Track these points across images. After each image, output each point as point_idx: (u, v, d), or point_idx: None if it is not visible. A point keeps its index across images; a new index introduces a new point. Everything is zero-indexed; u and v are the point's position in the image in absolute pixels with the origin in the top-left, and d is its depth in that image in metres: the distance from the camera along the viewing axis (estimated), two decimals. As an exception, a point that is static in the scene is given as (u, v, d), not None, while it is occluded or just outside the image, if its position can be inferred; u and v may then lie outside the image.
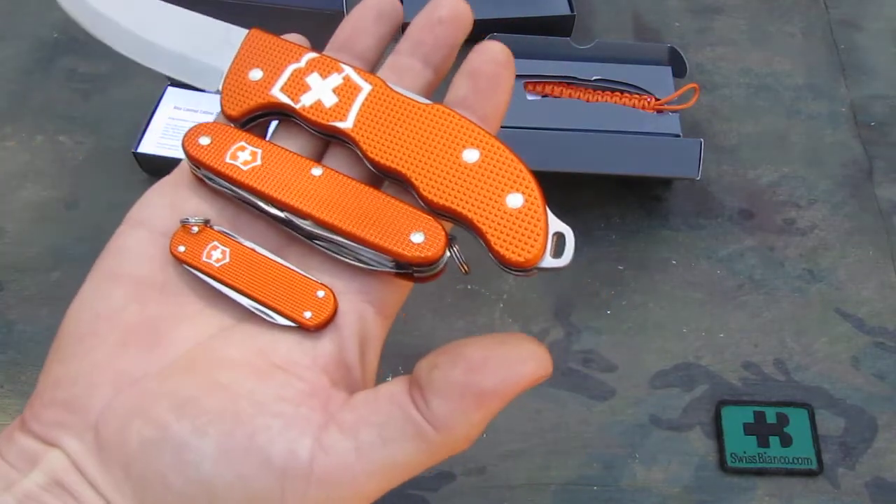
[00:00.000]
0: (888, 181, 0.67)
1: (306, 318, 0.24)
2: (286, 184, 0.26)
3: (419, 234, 0.25)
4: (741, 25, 0.78)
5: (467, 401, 0.23)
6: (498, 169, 0.26)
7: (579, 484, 0.53)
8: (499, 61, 0.27)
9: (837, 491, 0.53)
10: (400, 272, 0.26)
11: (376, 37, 0.29)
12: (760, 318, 0.60)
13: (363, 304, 0.25)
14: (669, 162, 0.60)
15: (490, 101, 0.27)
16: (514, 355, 0.23)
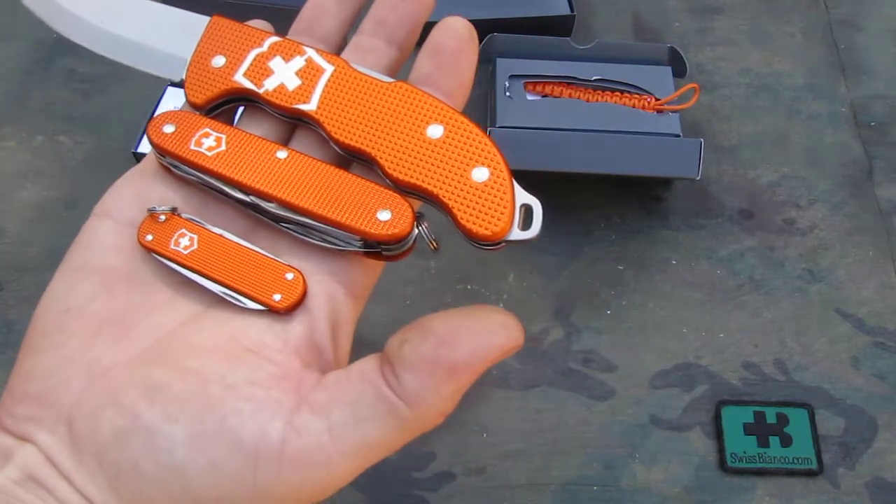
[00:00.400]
0: (888, 181, 0.67)
1: (276, 301, 0.24)
2: (251, 168, 0.26)
3: (386, 212, 0.25)
4: (741, 25, 0.78)
5: (438, 374, 0.23)
6: (463, 143, 0.26)
7: (579, 484, 0.53)
8: (461, 37, 0.27)
9: (837, 491, 0.53)
10: (369, 251, 0.25)
11: (338, 19, 0.29)
12: (760, 318, 0.60)
13: (333, 285, 0.26)
14: (669, 162, 0.60)
15: (454, 76, 0.27)
16: (483, 327, 0.23)
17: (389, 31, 0.28)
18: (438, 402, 0.23)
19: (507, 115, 0.63)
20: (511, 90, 0.65)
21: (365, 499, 0.52)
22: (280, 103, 0.27)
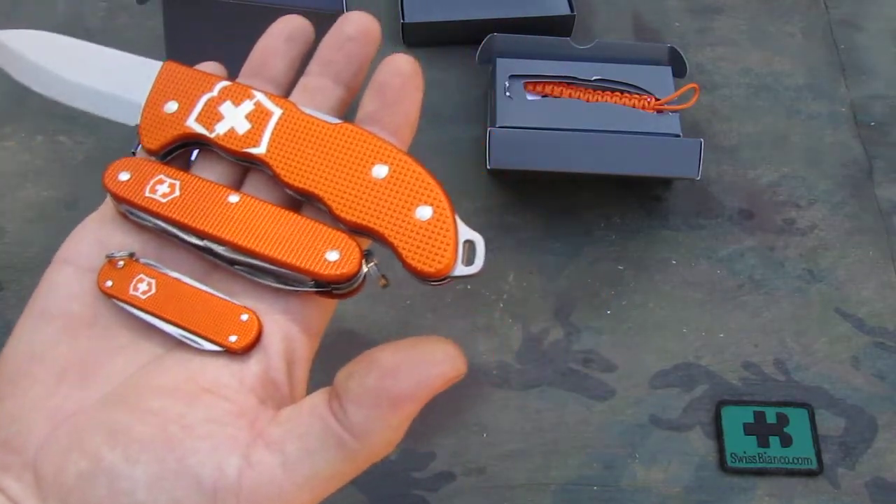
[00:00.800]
0: (888, 181, 0.67)
1: (232, 342, 0.25)
2: (204, 213, 0.27)
3: (334, 253, 0.26)
4: (741, 25, 0.78)
5: (382, 406, 0.23)
6: (406, 183, 0.27)
7: (579, 484, 0.53)
8: (405, 73, 0.27)
9: (837, 491, 0.53)
10: (320, 290, 0.26)
11: (287, 59, 0.30)
12: (760, 318, 0.60)
13: (288, 324, 0.26)
14: (669, 162, 0.60)
15: (399, 113, 0.28)
16: (425, 358, 0.24)
17: (337, 70, 0.29)
18: (384, 433, 0.24)
19: (507, 115, 0.63)
20: (511, 90, 0.65)
21: (365, 499, 0.52)
22: (231, 147, 0.28)
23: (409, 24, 0.73)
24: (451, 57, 0.74)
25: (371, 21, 0.29)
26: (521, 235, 0.63)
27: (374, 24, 0.29)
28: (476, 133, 0.69)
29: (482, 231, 0.67)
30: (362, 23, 0.29)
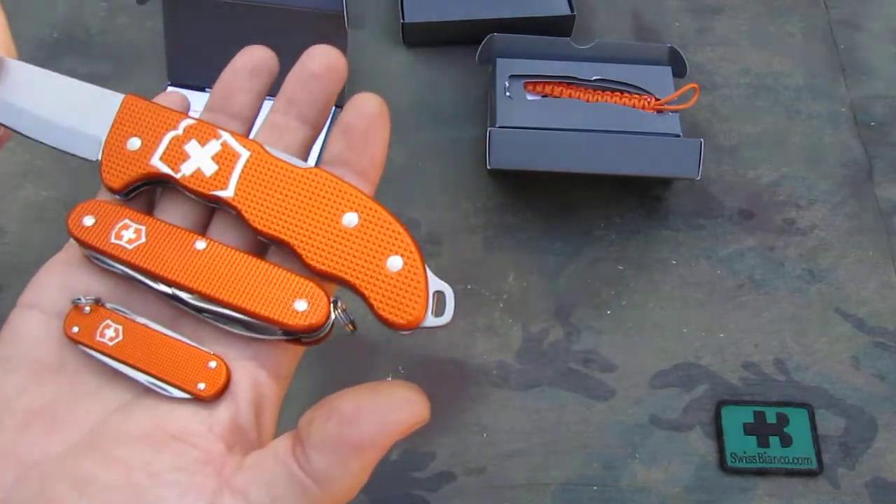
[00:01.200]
0: (888, 181, 0.67)
1: (200, 389, 0.25)
2: (170, 260, 0.26)
3: (302, 302, 0.26)
4: (741, 25, 0.78)
5: (343, 453, 0.23)
6: (377, 232, 0.27)
7: (579, 484, 0.53)
8: (371, 114, 0.27)
9: (837, 491, 0.53)
10: (289, 339, 0.26)
11: (252, 93, 0.29)
12: (760, 318, 0.60)
13: (257, 371, 0.26)
14: (669, 162, 0.60)
15: (365, 156, 0.27)
16: (386, 404, 0.24)
17: (302, 109, 0.28)
18: (346, 479, 0.23)
19: (507, 115, 0.63)
20: (511, 90, 0.65)
21: (365, 499, 0.52)
22: (198, 189, 0.27)
23: (409, 24, 0.73)
24: (451, 57, 0.74)
25: (336, 57, 0.28)
26: (521, 235, 0.63)
27: (340, 59, 0.28)
28: (476, 133, 0.69)
29: (482, 231, 0.67)
30: (327, 59, 0.28)
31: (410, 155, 0.68)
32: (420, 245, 0.61)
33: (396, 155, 0.68)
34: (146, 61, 0.73)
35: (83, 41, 0.76)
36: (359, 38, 0.75)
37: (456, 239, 0.63)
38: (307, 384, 0.57)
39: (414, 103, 0.71)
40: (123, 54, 0.74)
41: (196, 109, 0.70)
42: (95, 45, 0.75)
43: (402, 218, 0.68)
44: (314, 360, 0.57)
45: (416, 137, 0.69)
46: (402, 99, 0.71)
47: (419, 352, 0.58)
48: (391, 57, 0.74)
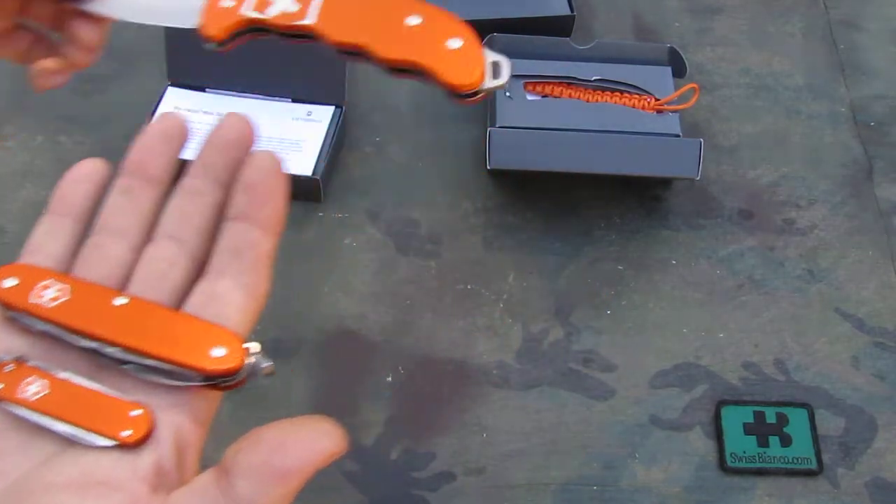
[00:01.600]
0: (888, 181, 0.67)
1: (125, 436, 0.26)
2: (92, 316, 0.28)
3: (220, 349, 0.27)
4: (741, 25, 0.78)
5: (268, 480, 0.25)
6: (437, 24, 0.32)
7: (579, 484, 0.53)
8: (271, 171, 0.29)
9: (837, 491, 0.53)
10: (207, 384, 0.28)
11: (166, 157, 0.31)
12: (760, 318, 0.60)
13: (178, 416, 0.27)
14: (669, 162, 0.60)
15: (268, 209, 0.29)
16: (309, 435, 0.26)
17: (216, 174, 0.30)
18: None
19: (507, 115, 0.63)
20: (511, 90, 0.65)
21: (365, 499, 0.52)
22: (285, 24, 0.33)
23: (409, 24, 0.73)
24: (451, 57, 0.74)
25: (247, 124, 0.30)
26: (521, 235, 0.63)
27: (250, 127, 0.30)
28: (476, 133, 0.69)
29: (482, 231, 0.67)
30: (239, 127, 0.30)
31: (410, 155, 0.68)
32: (420, 245, 0.61)
33: (396, 155, 0.68)
34: (146, 61, 0.73)
35: (83, 41, 0.76)
36: (359, 38, 0.75)
37: (456, 239, 0.63)
38: (309, 384, 0.57)
39: (414, 103, 0.71)
40: (123, 54, 0.74)
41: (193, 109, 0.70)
42: (95, 45, 0.75)
43: (403, 218, 0.68)
44: (315, 360, 0.58)
45: (416, 137, 0.69)
46: (402, 99, 0.71)
47: (419, 352, 0.58)
48: (391, 57, 0.74)
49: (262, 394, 0.56)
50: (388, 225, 0.64)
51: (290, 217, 0.58)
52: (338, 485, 0.53)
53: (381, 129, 0.69)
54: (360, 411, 0.55)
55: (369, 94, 0.72)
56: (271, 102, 0.67)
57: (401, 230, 0.63)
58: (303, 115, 0.66)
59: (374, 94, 0.72)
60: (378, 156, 0.68)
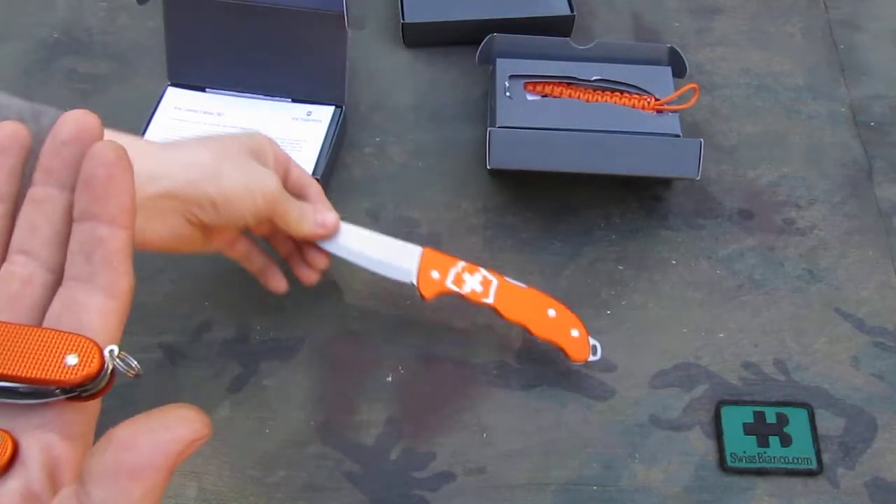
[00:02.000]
0: (888, 181, 0.67)
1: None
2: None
3: (73, 357, 0.25)
4: (741, 25, 0.78)
5: (122, 481, 0.23)
6: (566, 319, 0.54)
7: (579, 484, 0.53)
8: (110, 162, 0.27)
9: (837, 491, 0.53)
10: (70, 396, 0.26)
11: (4, 170, 0.29)
12: (760, 318, 0.60)
13: (46, 435, 0.26)
14: (669, 162, 0.60)
15: (112, 203, 0.27)
16: (159, 425, 0.24)
17: (59, 178, 0.28)
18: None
19: (507, 115, 0.63)
20: (511, 90, 0.65)
21: (365, 499, 0.52)
22: (473, 298, 0.54)
23: (409, 24, 0.73)
24: (451, 57, 0.74)
25: (86, 118, 0.28)
26: (521, 235, 0.63)
27: (91, 120, 0.28)
28: (476, 133, 0.69)
29: (482, 231, 0.67)
30: (76, 123, 0.28)
31: (410, 155, 0.68)
32: (420, 245, 0.61)
33: (396, 155, 0.68)
34: (146, 61, 0.73)
35: (83, 41, 0.76)
36: (359, 38, 0.75)
37: (456, 239, 0.63)
38: (308, 384, 0.57)
39: (414, 103, 0.71)
40: (123, 54, 0.74)
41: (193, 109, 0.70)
42: (95, 45, 0.75)
43: (402, 218, 0.68)
44: (315, 360, 0.58)
45: (416, 137, 0.69)
46: (402, 99, 0.71)
47: (419, 352, 0.58)
48: (391, 57, 0.74)
49: (262, 394, 0.56)
50: (388, 225, 0.64)
51: (290, 217, 0.57)
52: (338, 485, 0.53)
53: (381, 129, 0.69)
54: (360, 411, 0.55)
55: (369, 94, 0.72)
56: (271, 102, 0.67)
57: (401, 230, 0.63)
58: (303, 115, 0.66)
59: (374, 94, 0.72)
60: (378, 156, 0.68)
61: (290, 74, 0.66)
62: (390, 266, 0.54)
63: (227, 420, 0.55)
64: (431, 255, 0.54)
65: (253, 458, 0.54)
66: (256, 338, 0.59)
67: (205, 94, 0.67)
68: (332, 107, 0.66)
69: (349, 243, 0.54)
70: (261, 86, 0.67)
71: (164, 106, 0.66)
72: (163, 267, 0.61)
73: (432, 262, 0.54)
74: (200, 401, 0.56)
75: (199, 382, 0.57)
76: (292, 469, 0.53)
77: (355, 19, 0.76)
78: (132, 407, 0.55)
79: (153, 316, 0.59)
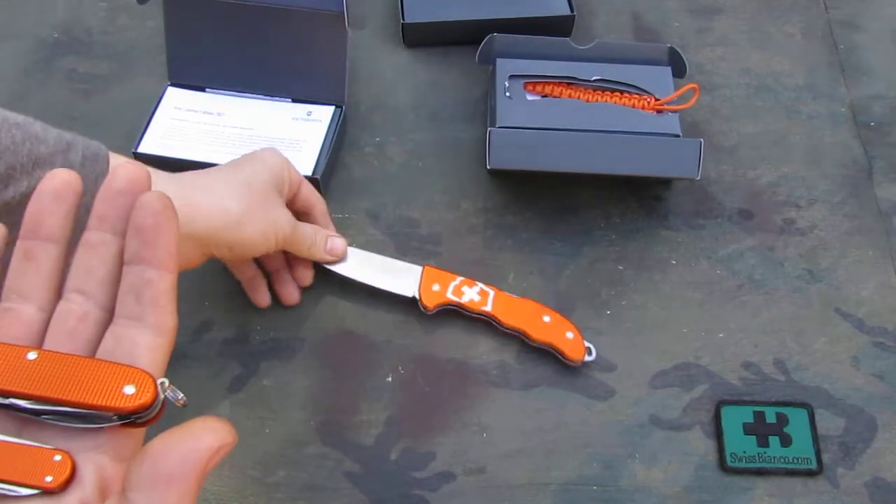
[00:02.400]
0: (888, 181, 0.67)
1: (48, 482, 0.28)
2: (4, 374, 0.29)
3: (131, 387, 0.29)
4: (741, 25, 0.78)
5: (158, 487, 0.26)
6: (560, 324, 0.57)
7: (579, 484, 0.53)
8: (157, 211, 0.30)
9: (837, 491, 0.53)
10: (124, 422, 0.29)
11: (59, 216, 0.31)
12: (760, 318, 0.60)
13: (100, 457, 0.29)
14: (669, 162, 0.60)
15: (160, 249, 0.30)
16: (188, 436, 0.27)
17: (112, 224, 0.31)
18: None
19: (507, 115, 0.63)
20: (511, 90, 0.65)
21: (365, 499, 0.52)
22: (473, 307, 0.57)
23: (409, 24, 0.73)
24: (451, 57, 0.74)
25: (137, 171, 0.31)
26: (521, 235, 0.63)
27: (141, 172, 0.31)
28: (476, 133, 0.69)
29: (482, 231, 0.67)
30: (128, 176, 0.31)
31: (410, 155, 0.68)
32: (420, 245, 0.61)
33: (396, 155, 0.68)
34: (146, 61, 0.73)
35: (83, 41, 0.76)
36: (359, 38, 0.75)
37: (456, 239, 0.63)
38: (308, 384, 0.57)
39: (414, 103, 0.71)
40: (123, 54, 0.74)
41: (193, 109, 0.70)
42: (95, 45, 0.75)
43: (403, 218, 0.68)
44: (315, 360, 0.58)
45: (416, 137, 0.69)
46: (402, 99, 0.71)
47: (419, 352, 0.58)
48: (391, 57, 0.74)
49: (262, 394, 0.56)
50: (388, 225, 0.64)
51: (290, 217, 0.57)
52: (338, 485, 0.53)
53: (381, 129, 0.69)
54: (360, 411, 0.55)
55: (369, 94, 0.72)
56: (271, 102, 0.67)
57: (401, 230, 0.63)
58: (303, 115, 0.66)
59: (374, 94, 0.72)
60: (378, 156, 0.68)
61: (290, 74, 0.66)
62: (394, 283, 0.58)
63: (227, 420, 0.55)
64: (432, 272, 0.59)
65: (253, 458, 0.54)
66: (256, 338, 0.59)
67: (205, 93, 0.67)
68: (332, 107, 0.66)
69: (354, 265, 0.59)
70: (261, 86, 0.67)
71: (164, 106, 0.66)
72: (163, 267, 0.61)
73: (433, 277, 0.58)
74: (200, 401, 0.56)
75: (199, 382, 0.57)
76: (292, 469, 0.53)
77: (355, 19, 0.76)
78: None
79: (153, 316, 0.59)
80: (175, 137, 0.64)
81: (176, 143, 0.64)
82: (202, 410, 0.55)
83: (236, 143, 0.64)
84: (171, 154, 0.63)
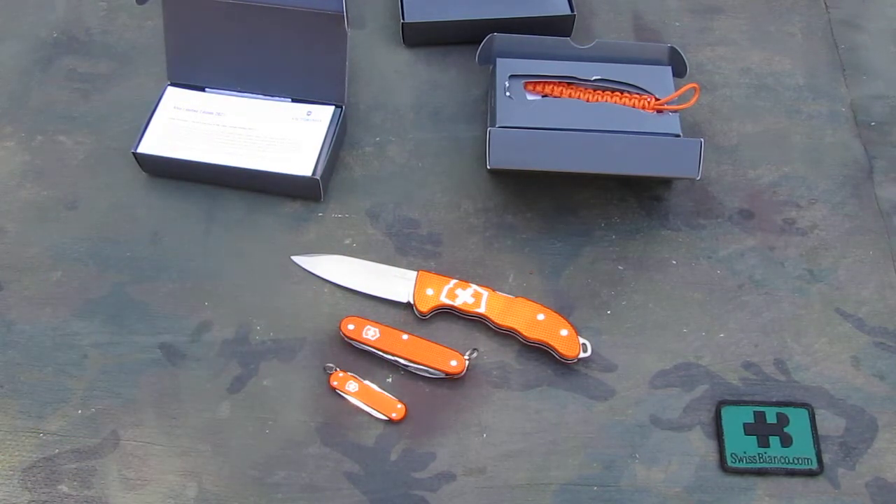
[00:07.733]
0: (888, 181, 0.67)
1: (392, 416, 0.55)
2: (391, 344, 0.57)
3: (454, 361, 0.56)
4: (741, 25, 0.77)
5: None
6: (553, 321, 0.57)
7: (579, 484, 0.53)
8: None
9: (837, 491, 0.53)
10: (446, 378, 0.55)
11: None
12: (760, 318, 0.60)
13: None
14: (669, 162, 0.60)
15: None
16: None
17: None
18: None
19: (507, 115, 0.63)
20: (511, 90, 0.65)
21: (365, 499, 0.52)
22: (466, 309, 0.58)
23: (409, 24, 0.73)
24: (451, 57, 0.74)
25: None
26: (521, 235, 0.63)
27: None
28: (476, 133, 0.69)
29: (482, 231, 0.67)
30: None
31: (410, 155, 0.68)
32: (420, 245, 0.61)
33: (396, 155, 0.68)
34: (146, 61, 0.73)
35: (83, 41, 0.76)
36: (359, 38, 0.75)
37: (456, 239, 0.63)
38: (308, 384, 0.57)
39: (414, 103, 0.71)
40: (123, 54, 0.74)
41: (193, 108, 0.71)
42: (95, 45, 0.75)
43: (403, 218, 0.68)
44: (315, 360, 0.57)
45: (416, 137, 0.69)
46: (402, 99, 0.71)
47: (419, 352, 0.58)
48: (391, 57, 0.74)
49: (262, 394, 0.56)
50: (387, 225, 0.64)
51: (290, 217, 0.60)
52: (338, 485, 0.53)
53: (381, 129, 0.69)
54: (360, 411, 0.55)
55: (369, 94, 0.72)
56: (271, 102, 0.67)
57: (401, 230, 0.63)
58: (303, 115, 0.66)
59: (374, 94, 0.72)
60: (378, 156, 0.68)
61: (290, 74, 0.66)
62: (388, 289, 0.60)
63: (227, 420, 0.55)
64: (426, 276, 0.60)
65: (253, 458, 0.54)
66: (256, 338, 0.59)
67: (204, 93, 0.67)
68: (332, 107, 0.66)
69: (348, 273, 0.61)
70: (260, 85, 0.67)
71: (163, 105, 0.66)
72: (163, 267, 0.61)
73: (427, 282, 0.59)
74: (200, 401, 0.56)
75: (199, 382, 0.57)
76: (292, 469, 0.53)
77: (355, 19, 0.76)
78: (133, 406, 0.55)
79: (153, 316, 0.59)
80: (174, 137, 0.64)
81: (175, 143, 0.64)
82: (202, 410, 0.55)
83: (236, 143, 0.64)
84: (171, 154, 0.63)
